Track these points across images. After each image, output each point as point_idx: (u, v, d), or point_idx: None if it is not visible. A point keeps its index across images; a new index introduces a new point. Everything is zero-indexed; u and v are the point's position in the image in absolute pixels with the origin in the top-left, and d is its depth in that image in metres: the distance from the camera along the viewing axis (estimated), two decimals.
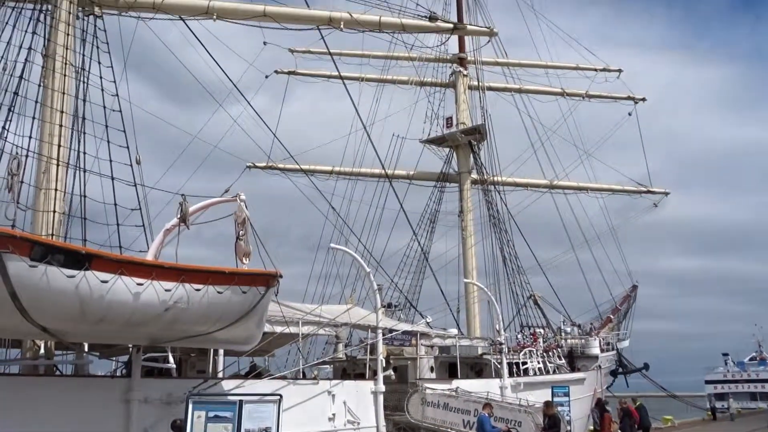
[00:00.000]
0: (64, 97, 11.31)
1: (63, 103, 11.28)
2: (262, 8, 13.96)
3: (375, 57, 28.07)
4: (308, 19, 14.52)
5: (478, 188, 29.17)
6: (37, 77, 11.60)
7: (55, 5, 12.03)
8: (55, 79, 11.43)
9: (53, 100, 11.24)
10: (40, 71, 11.65)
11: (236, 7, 14.06)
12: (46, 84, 11.65)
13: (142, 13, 13.67)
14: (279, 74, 29.62)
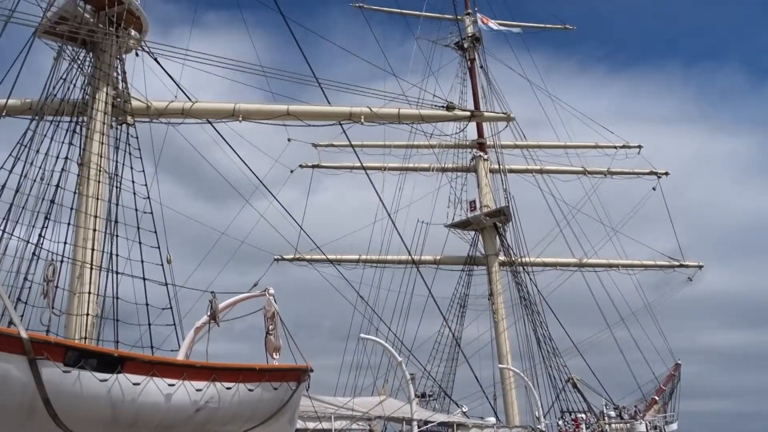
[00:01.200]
0: (98, 202, 11.74)
1: (97, 209, 11.69)
2: (286, 108, 14.55)
3: (396, 146, 28.78)
4: (330, 116, 15.05)
5: (506, 270, 28.95)
6: (73, 185, 12.08)
7: (91, 117, 12.70)
8: (89, 185, 11.91)
9: (87, 206, 11.66)
10: (75, 179, 12.14)
11: (261, 108, 14.68)
12: (81, 191, 12.11)
13: (171, 119, 14.35)
14: (304, 168, 30.41)
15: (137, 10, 13.70)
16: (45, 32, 13.20)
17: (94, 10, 13.56)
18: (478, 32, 32.12)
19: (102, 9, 13.44)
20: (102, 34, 13.33)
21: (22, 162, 11.63)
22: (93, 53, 13.69)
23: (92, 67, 13.64)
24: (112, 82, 13.55)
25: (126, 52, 14.26)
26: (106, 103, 13.13)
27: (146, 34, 14.27)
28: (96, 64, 13.49)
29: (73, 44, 13.52)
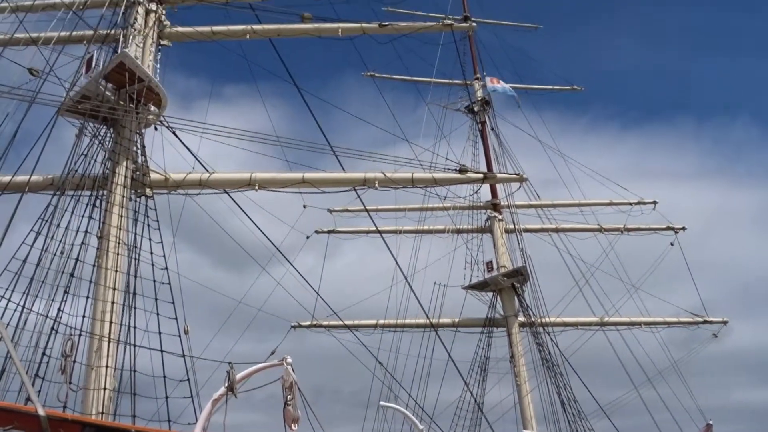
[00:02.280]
0: (116, 275, 11.85)
1: (115, 281, 11.80)
2: (301, 176, 14.79)
3: (411, 210, 28.92)
4: (344, 182, 15.25)
5: (526, 331, 28.43)
6: (92, 258, 12.23)
7: (111, 191, 12.97)
8: (108, 258, 12.06)
9: (106, 279, 11.76)
10: (94, 252, 12.30)
11: (276, 177, 14.92)
12: (99, 264, 12.25)
13: (189, 189, 14.62)
14: (319, 234, 30.56)
15: (156, 87, 14.18)
16: (67, 110, 13.67)
17: (115, 88, 14.06)
18: (487, 95, 32.71)
19: (123, 87, 13.94)
20: (123, 111, 13.77)
21: (43, 236, 11.84)
22: (113, 129, 14.12)
23: (113, 142, 14.03)
24: (132, 156, 13.90)
25: (145, 127, 14.69)
26: (126, 176, 13.44)
27: (165, 108, 14.72)
28: (116, 139, 13.90)
29: (94, 121, 13.97)
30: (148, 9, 15.93)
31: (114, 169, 13.45)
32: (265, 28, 16.92)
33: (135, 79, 13.75)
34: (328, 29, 17.38)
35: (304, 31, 17.21)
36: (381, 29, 17.93)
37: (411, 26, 18.62)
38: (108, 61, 13.82)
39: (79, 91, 13.61)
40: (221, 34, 16.89)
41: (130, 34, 14.94)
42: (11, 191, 12.84)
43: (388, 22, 18.00)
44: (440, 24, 19.30)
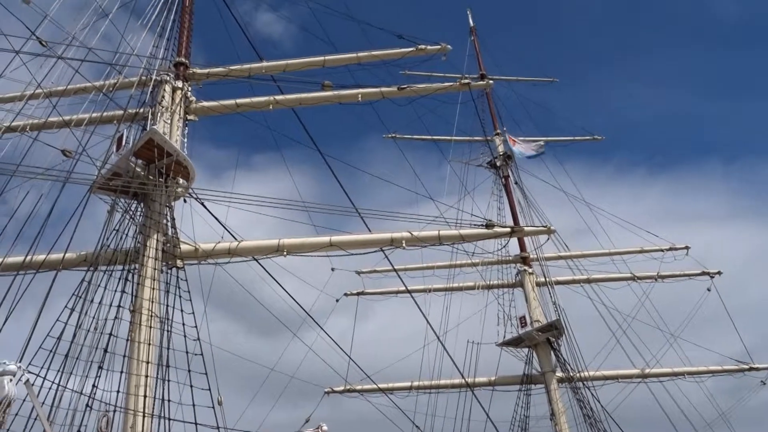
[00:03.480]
0: (149, 348, 11.88)
1: (149, 354, 11.82)
2: (328, 239, 14.88)
3: (439, 267, 28.72)
4: (372, 243, 15.27)
5: (565, 387, 27.56)
6: (125, 332, 12.29)
7: (142, 264, 13.16)
8: (141, 331, 12.12)
9: (140, 353, 11.79)
10: (128, 326, 12.37)
11: (304, 242, 15.02)
12: (132, 337, 12.31)
13: (219, 259, 14.77)
14: (349, 296, 30.44)
15: (184, 161, 14.54)
16: (99, 188, 14.05)
17: (145, 163, 14.46)
18: (509, 150, 32.92)
19: (152, 162, 14.33)
20: (152, 186, 14.11)
21: (77, 313, 11.97)
22: (144, 203, 14.44)
23: (143, 216, 14.32)
24: (162, 229, 14.15)
25: (175, 200, 15.00)
26: (157, 249, 13.64)
27: (193, 181, 15.05)
28: (147, 213, 14.19)
29: (125, 196, 14.31)
30: (174, 87, 16.51)
31: (145, 242, 13.68)
32: (287, 98, 17.38)
33: (164, 154, 14.13)
34: (348, 95, 17.79)
35: (325, 99, 17.63)
36: (400, 92, 18.29)
37: (429, 87, 18.95)
38: (137, 138, 14.27)
39: (111, 168, 14.01)
40: (245, 106, 17.38)
41: (158, 111, 15.46)
42: (46, 269, 13.08)
43: (406, 85, 18.36)
44: (458, 84, 19.61)
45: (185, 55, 17.52)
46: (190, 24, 18.31)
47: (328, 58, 18.42)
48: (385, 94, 18.19)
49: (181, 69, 17.13)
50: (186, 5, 18.49)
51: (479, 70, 35.31)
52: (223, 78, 17.98)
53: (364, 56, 18.69)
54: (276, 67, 18.01)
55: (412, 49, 19.17)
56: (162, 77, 16.31)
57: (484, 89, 31.71)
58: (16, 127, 14.98)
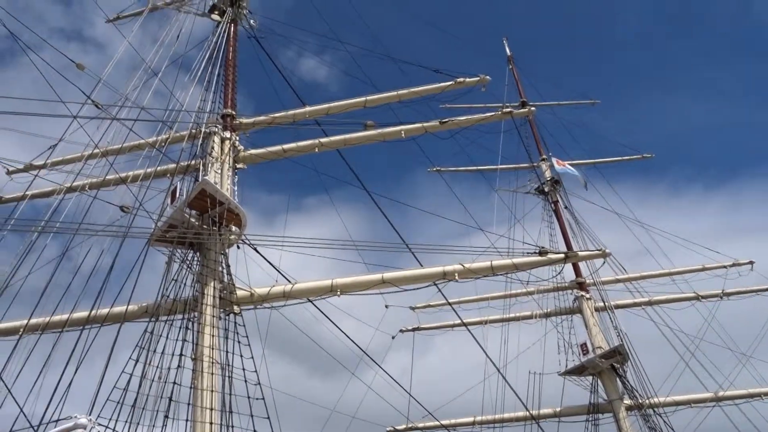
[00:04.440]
0: (212, 394, 12.03)
1: (212, 401, 11.97)
2: (380, 276, 14.89)
3: (494, 298, 28.35)
4: (424, 278, 15.20)
5: (635, 415, 26.50)
6: (188, 380, 12.50)
7: (201, 312, 13.43)
8: (203, 378, 12.30)
9: (203, 400, 11.95)
10: (190, 374, 12.58)
11: (356, 281, 15.06)
12: (195, 385, 12.49)
13: (274, 302, 14.95)
14: (404, 332, 30.26)
15: (236, 208, 14.90)
16: (157, 240, 14.49)
17: (199, 213, 14.86)
18: (556, 175, 32.55)
19: (205, 212, 14.72)
20: (207, 235, 14.47)
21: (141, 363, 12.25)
22: (200, 252, 14.79)
23: (200, 265, 14.66)
24: (218, 276, 14.44)
25: (228, 247, 15.32)
26: (214, 296, 13.91)
27: (245, 227, 15.37)
28: (203, 261, 14.52)
29: (181, 247, 14.71)
30: (222, 137, 17.03)
31: (202, 290, 13.97)
32: (332, 140, 17.72)
33: (216, 204, 14.51)
34: (391, 133, 18.01)
35: (368, 138, 17.89)
36: (442, 126, 18.43)
37: (471, 119, 19.04)
38: (190, 189, 14.73)
39: (167, 220, 14.45)
40: (292, 151, 17.78)
41: (209, 162, 15.95)
42: (110, 323, 13.49)
43: (447, 119, 18.51)
44: (499, 113, 19.66)
45: (231, 106, 18.11)
46: (235, 76, 18.96)
47: (369, 98, 18.77)
48: (427, 128, 18.35)
49: (229, 120, 17.70)
50: (230, 59, 19.19)
51: (520, 97, 35.32)
52: (268, 125, 18.48)
53: (404, 93, 18.98)
54: (319, 110, 18.44)
55: (451, 83, 19.36)
56: (210, 129, 16.87)
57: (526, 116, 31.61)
58: (77, 187, 15.67)
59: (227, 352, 13.17)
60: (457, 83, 19.30)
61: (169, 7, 21.22)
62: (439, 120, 18.39)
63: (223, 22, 20.11)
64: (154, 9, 21.34)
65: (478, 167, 33.61)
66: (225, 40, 19.44)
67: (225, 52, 19.15)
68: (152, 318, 13.24)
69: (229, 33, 19.85)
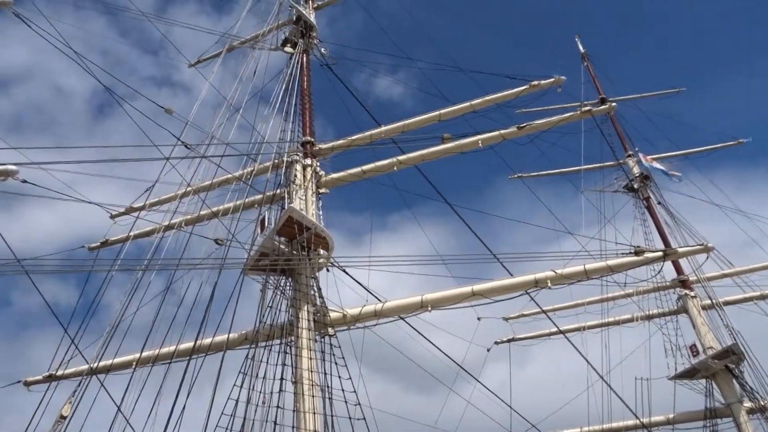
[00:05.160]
0: (314, 417, 12.27)
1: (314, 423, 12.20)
2: (470, 289, 14.74)
3: (590, 303, 27.39)
4: (515, 287, 14.92)
5: (758, 418, 24.73)
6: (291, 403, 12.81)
7: (297, 336, 13.77)
8: (304, 401, 12.57)
9: (306, 422, 12.20)
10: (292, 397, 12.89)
11: (446, 295, 14.98)
12: (297, 408, 12.79)
13: (367, 322, 15.10)
14: (499, 344, 29.72)
15: (322, 232, 15.25)
16: (250, 269, 15.04)
17: (288, 240, 15.31)
18: (645, 170, 31.24)
19: (294, 238, 15.14)
20: (297, 260, 14.87)
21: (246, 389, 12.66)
22: (291, 278, 15.21)
23: (292, 290, 15.06)
24: (311, 299, 14.77)
25: (318, 270, 15.67)
26: (308, 320, 14.24)
27: (333, 250, 15.68)
28: (295, 286, 14.92)
29: (274, 274, 15.17)
30: (304, 165, 17.53)
31: (297, 315, 14.32)
32: (410, 156, 17.84)
33: (303, 229, 14.90)
34: (468, 144, 17.92)
35: (446, 151, 17.87)
36: (520, 131, 18.16)
37: (549, 122, 18.65)
38: (278, 217, 15.23)
39: (258, 249, 14.98)
40: (371, 171, 18.04)
41: (293, 190, 16.43)
42: (214, 352, 14.06)
43: (525, 123, 18.21)
44: (578, 112, 19.14)
45: (310, 133, 18.63)
46: (311, 104, 19.52)
47: (443, 112, 18.80)
48: (505, 136, 18.13)
49: (308, 147, 18.21)
50: (305, 88, 19.78)
51: (598, 94, 34.27)
52: (346, 149, 18.85)
53: (478, 103, 18.88)
54: (395, 129, 18.64)
55: (526, 87, 19.08)
56: (292, 158, 17.42)
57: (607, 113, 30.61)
58: (174, 225, 16.57)
59: (326, 374, 13.41)
60: (531, 87, 19.00)
61: (245, 46, 22.16)
62: (516, 126, 18.14)
63: (295, 54, 20.77)
64: (231, 49, 22.37)
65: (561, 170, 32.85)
66: (299, 70, 20.06)
67: (300, 82, 19.76)
68: (252, 344, 13.68)
69: (302, 64, 20.48)
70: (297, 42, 21.32)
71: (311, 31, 21.97)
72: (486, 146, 18.10)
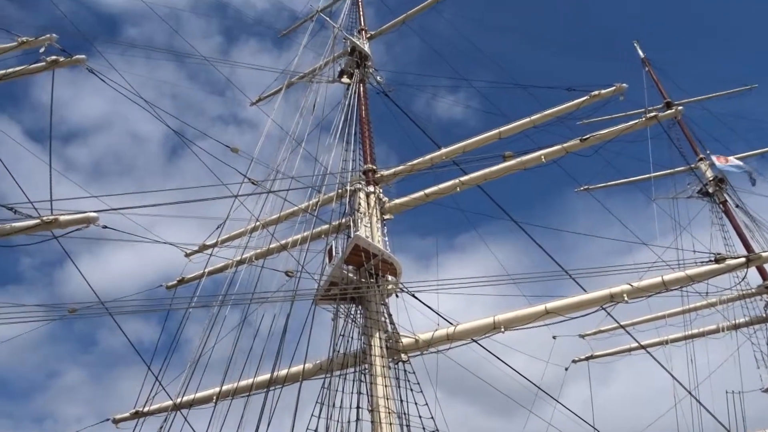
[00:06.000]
0: None
1: None
2: (543, 308, 14.41)
3: (671, 315, 26.28)
4: (590, 303, 14.49)
5: None
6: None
7: (371, 363, 13.79)
8: (382, 429, 12.54)
9: None
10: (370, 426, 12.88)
11: (518, 315, 14.68)
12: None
13: (439, 346, 14.98)
14: (577, 363, 28.85)
15: (389, 258, 15.31)
16: (321, 299, 15.24)
17: (355, 268, 15.46)
18: (719, 173, 29.95)
19: (361, 266, 15.27)
20: (365, 288, 14.96)
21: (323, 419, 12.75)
22: (361, 305, 15.30)
23: (363, 318, 15.14)
24: (382, 326, 14.80)
25: (387, 297, 15.70)
26: (381, 347, 14.25)
27: (401, 275, 15.70)
28: (366, 314, 15.00)
29: (344, 302, 15.31)
30: (367, 192, 17.73)
31: (369, 342, 14.37)
32: (472, 177, 17.74)
33: (370, 256, 15.01)
34: (531, 160, 17.69)
35: (508, 169, 17.69)
36: (583, 143, 17.81)
37: (613, 131, 18.21)
38: (345, 246, 15.41)
39: (327, 279, 15.18)
40: (434, 194, 18.04)
41: (358, 218, 16.62)
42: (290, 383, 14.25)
43: (588, 135, 17.85)
44: (643, 119, 18.58)
45: (371, 161, 18.86)
46: (370, 132, 19.79)
47: (503, 129, 18.69)
48: (567, 149, 17.82)
49: (370, 175, 18.43)
50: (363, 117, 20.11)
51: (663, 99, 33.29)
52: (408, 174, 18.95)
53: (538, 118, 18.68)
54: (455, 150, 18.64)
55: (586, 98, 18.75)
56: (355, 186, 17.65)
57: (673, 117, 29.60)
58: (245, 260, 17.04)
59: (401, 401, 13.36)
60: (592, 97, 18.65)
61: (303, 81, 22.78)
62: (579, 138, 17.80)
63: (352, 84, 21.16)
64: (290, 85, 23.05)
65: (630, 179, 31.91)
66: (356, 100, 20.41)
67: (358, 111, 20.10)
68: (327, 374, 13.79)
69: (359, 94, 20.84)
70: (353, 72, 21.72)
71: (366, 61, 22.37)
72: (548, 161, 17.82)
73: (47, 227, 11.72)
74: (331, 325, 14.98)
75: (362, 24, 25.63)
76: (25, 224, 11.61)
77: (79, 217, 11.94)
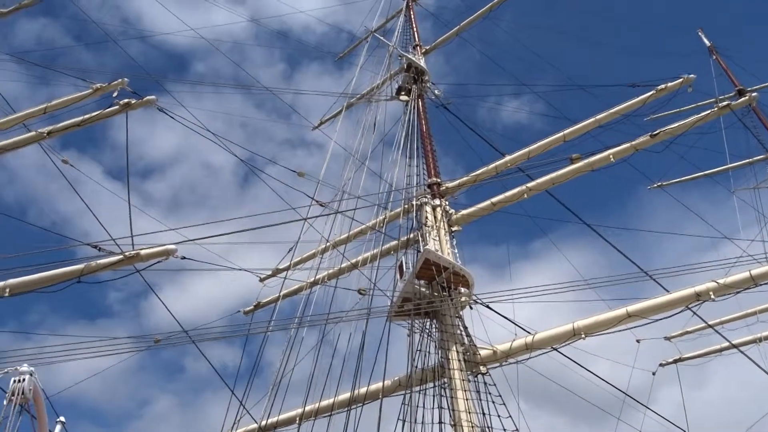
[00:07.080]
0: None
1: None
2: (624, 311, 13.90)
3: (763, 311, 24.93)
4: (673, 304, 13.89)
5: None
6: None
7: (450, 377, 13.67)
8: None
9: None
10: None
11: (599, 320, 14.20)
12: None
13: (518, 357, 14.68)
14: (665, 366, 27.66)
15: (461, 270, 15.19)
16: (395, 315, 15.25)
17: (427, 282, 15.40)
18: None
19: (433, 280, 15.21)
20: (439, 302, 14.88)
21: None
22: (436, 319, 15.22)
23: (439, 332, 15.05)
24: (458, 339, 14.66)
25: (462, 309, 15.55)
26: (459, 360, 14.10)
27: (473, 287, 15.52)
28: (441, 328, 14.89)
29: (418, 318, 15.28)
30: (433, 206, 17.71)
31: (447, 356, 14.25)
32: (539, 182, 17.44)
33: (441, 270, 14.93)
34: (599, 160, 17.25)
35: (576, 171, 17.31)
36: (653, 139, 17.25)
37: (684, 124, 17.56)
38: (415, 261, 15.41)
39: (400, 295, 15.19)
40: (501, 202, 17.83)
41: (426, 232, 16.60)
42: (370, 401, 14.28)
43: (658, 130, 17.27)
44: (715, 110, 17.87)
45: (435, 174, 18.87)
46: (432, 146, 19.82)
47: (568, 132, 18.33)
48: (636, 146, 17.30)
49: (435, 188, 18.43)
50: (424, 131, 20.17)
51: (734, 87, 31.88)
52: (473, 184, 18.82)
53: (603, 117, 18.23)
54: (520, 156, 18.39)
55: (652, 93, 18.18)
56: (421, 201, 17.68)
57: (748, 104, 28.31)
58: (318, 280, 17.29)
59: (484, 414, 13.15)
60: (658, 91, 18.05)
61: (361, 101, 23.10)
62: (648, 134, 17.25)
63: (411, 100, 21.29)
64: (350, 106, 23.40)
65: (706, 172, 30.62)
66: (416, 116, 20.50)
67: (419, 126, 20.17)
68: (407, 390, 13.75)
69: (418, 108, 20.93)
70: (411, 88, 21.86)
71: (423, 76, 22.49)
72: (618, 160, 17.33)
73: (130, 262, 12.24)
74: (407, 340, 14.98)
75: (417, 40, 25.84)
76: (109, 260, 12.16)
77: (159, 250, 12.40)
